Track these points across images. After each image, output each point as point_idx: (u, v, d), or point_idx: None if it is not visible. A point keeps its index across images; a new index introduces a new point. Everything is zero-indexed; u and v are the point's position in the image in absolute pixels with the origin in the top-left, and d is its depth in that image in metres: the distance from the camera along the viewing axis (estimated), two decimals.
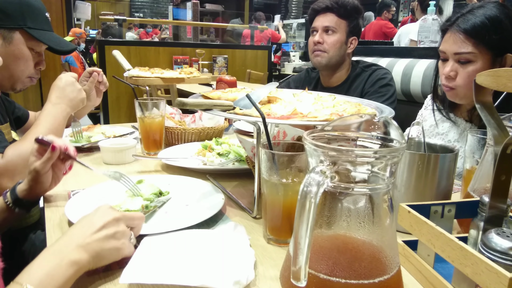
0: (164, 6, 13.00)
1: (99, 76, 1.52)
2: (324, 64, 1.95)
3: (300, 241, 0.49)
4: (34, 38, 1.28)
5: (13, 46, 1.26)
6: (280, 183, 0.78)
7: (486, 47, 1.22)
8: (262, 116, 0.79)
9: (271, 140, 0.92)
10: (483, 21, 1.22)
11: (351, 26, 1.94)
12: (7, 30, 1.24)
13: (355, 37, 1.96)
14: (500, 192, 0.61)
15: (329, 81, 2.04)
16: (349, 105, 1.04)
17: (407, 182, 0.85)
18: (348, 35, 1.94)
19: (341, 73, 2.00)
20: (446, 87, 1.32)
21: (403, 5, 8.10)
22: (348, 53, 1.97)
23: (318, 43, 1.93)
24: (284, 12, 12.23)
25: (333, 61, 1.94)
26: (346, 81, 1.99)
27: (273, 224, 0.83)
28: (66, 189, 1.09)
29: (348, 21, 1.93)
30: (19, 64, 1.29)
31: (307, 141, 0.53)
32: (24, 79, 1.34)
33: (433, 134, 1.50)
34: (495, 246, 0.56)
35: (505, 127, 0.65)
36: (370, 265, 0.55)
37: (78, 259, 0.63)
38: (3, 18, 1.22)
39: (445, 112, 1.45)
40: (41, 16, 1.32)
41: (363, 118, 0.63)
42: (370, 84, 1.91)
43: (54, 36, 1.37)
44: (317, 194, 0.48)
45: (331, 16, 1.92)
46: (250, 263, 0.69)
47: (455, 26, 1.27)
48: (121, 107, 4.45)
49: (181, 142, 1.54)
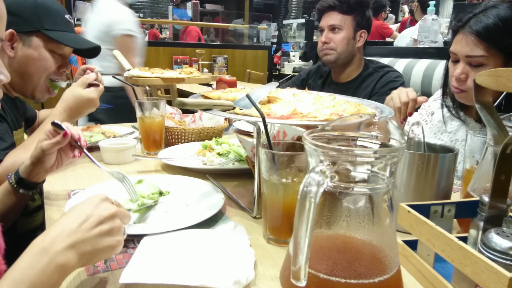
0: (164, 6, 12.99)
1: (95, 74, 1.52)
2: (333, 61, 1.96)
3: (300, 240, 0.49)
4: (53, 40, 1.29)
5: (32, 49, 1.27)
6: (280, 183, 0.78)
7: (498, 50, 1.19)
8: (262, 116, 0.79)
9: (271, 140, 0.93)
10: (496, 23, 1.18)
11: (358, 20, 1.93)
12: (25, 34, 1.26)
13: (364, 30, 1.95)
14: (500, 192, 0.61)
15: (339, 77, 2.04)
16: (349, 105, 1.04)
17: (407, 182, 0.85)
18: (356, 29, 1.93)
19: (351, 68, 2.00)
20: (456, 88, 1.29)
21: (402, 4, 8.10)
22: (358, 47, 1.96)
23: (325, 43, 1.95)
24: (284, 12, 12.22)
25: (342, 57, 1.95)
26: (357, 78, 1.99)
27: (273, 224, 0.83)
28: (67, 189, 1.09)
29: (354, 15, 1.92)
30: (39, 67, 1.31)
31: (307, 141, 0.53)
32: (44, 87, 1.35)
33: (441, 131, 1.47)
34: (495, 246, 0.56)
35: (504, 127, 0.65)
36: (370, 265, 0.55)
37: (67, 261, 0.58)
38: (19, 22, 1.23)
39: (454, 111, 1.41)
40: (60, 18, 1.33)
41: (363, 118, 0.63)
42: (380, 85, 1.90)
43: (75, 36, 1.37)
44: (317, 194, 0.48)
45: (335, 14, 1.93)
46: (250, 263, 0.69)
47: (467, 27, 1.22)
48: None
49: (181, 142, 1.54)
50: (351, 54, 1.95)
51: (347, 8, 1.91)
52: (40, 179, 0.98)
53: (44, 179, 1.01)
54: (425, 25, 2.26)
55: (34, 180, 0.96)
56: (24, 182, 0.95)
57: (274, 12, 11.24)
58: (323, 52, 1.97)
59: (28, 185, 0.96)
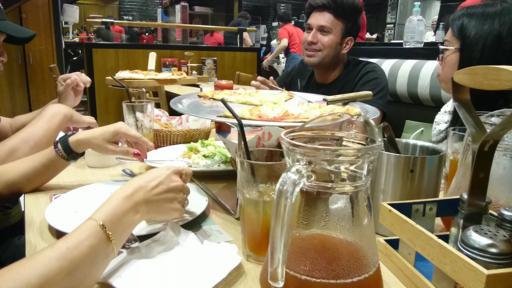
0: (153, 9, 12.96)
1: (78, 79, 1.52)
2: (316, 63, 1.94)
3: (276, 240, 0.48)
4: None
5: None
6: (259, 198, 0.73)
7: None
8: (239, 121, 0.78)
9: (255, 143, 0.92)
10: None
11: (348, 27, 1.90)
12: None
13: (351, 38, 1.92)
14: (479, 189, 0.61)
15: (322, 78, 2.03)
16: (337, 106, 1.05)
17: (394, 185, 0.84)
18: (344, 35, 1.90)
19: (335, 72, 1.99)
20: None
21: (390, 6, 8.17)
22: (343, 53, 1.94)
23: (311, 43, 1.91)
24: (273, 14, 12.25)
25: (326, 60, 1.92)
26: (338, 79, 1.98)
27: (253, 241, 0.76)
28: (48, 192, 1.08)
29: (345, 21, 1.89)
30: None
31: (284, 140, 0.53)
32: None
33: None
34: (473, 243, 0.56)
35: (483, 125, 0.66)
36: (349, 265, 0.54)
37: (140, 211, 0.73)
38: None
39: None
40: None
41: (343, 118, 0.63)
42: (358, 78, 1.90)
43: (10, 24, 1.31)
44: (293, 194, 0.48)
45: (327, 15, 1.88)
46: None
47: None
48: (110, 110, 4.41)
49: (167, 144, 1.53)
50: (335, 59, 1.93)
51: (341, 12, 1.87)
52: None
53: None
54: (410, 25, 2.28)
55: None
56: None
57: (263, 14, 11.27)
58: (307, 53, 1.94)
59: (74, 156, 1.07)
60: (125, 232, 0.70)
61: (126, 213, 0.70)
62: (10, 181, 1.00)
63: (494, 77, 0.56)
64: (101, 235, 0.64)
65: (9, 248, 1.31)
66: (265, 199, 0.72)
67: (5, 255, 1.28)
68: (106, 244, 0.65)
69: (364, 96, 1.22)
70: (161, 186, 0.77)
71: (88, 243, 0.62)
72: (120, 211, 0.69)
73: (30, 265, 0.57)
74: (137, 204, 0.72)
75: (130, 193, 0.72)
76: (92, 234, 0.63)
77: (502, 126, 0.57)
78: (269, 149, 0.80)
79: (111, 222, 0.66)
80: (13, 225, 1.34)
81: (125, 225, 0.69)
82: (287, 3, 12.23)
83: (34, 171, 1.03)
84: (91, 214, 0.67)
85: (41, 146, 1.12)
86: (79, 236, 0.62)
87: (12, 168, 1.02)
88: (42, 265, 0.57)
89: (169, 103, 1.07)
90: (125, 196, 0.71)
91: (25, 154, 1.09)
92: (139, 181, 0.76)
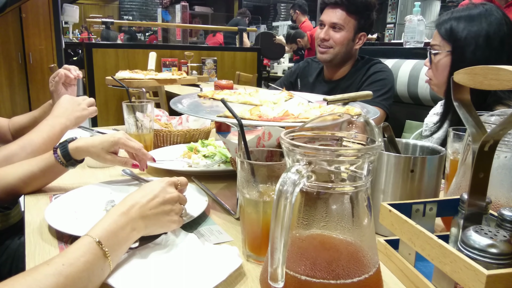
0: (153, 9, 12.95)
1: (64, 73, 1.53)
2: (328, 60, 1.94)
3: (276, 241, 0.48)
4: None
5: None
6: (259, 198, 0.73)
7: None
8: (239, 121, 0.78)
9: (255, 143, 0.92)
10: None
11: (361, 23, 1.90)
12: None
13: (364, 33, 1.93)
14: (479, 189, 0.61)
15: (331, 75, 2.04)
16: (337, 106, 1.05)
17: (394, 185, 0.84)
18: (357, 31, 1.91)
19: (344, 68, 1.99)
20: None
21: (390, 6, 8.16)
22: (355, 48, 1.95)
23: (324, 39, 1.92)
24: (273, 14, 12.25)
25: (338, 57, 1.93)
26: (347, 75, 1.98)
27: (253, 241, 0.76)
28: (48, 192, 1.08)
29: (358, 17, 1.89)
30: None
31: (284, 140, 0.53)
32: None
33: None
34: (473, 243, 0.56)
35: (483, 125, 0.66)
36: (349, 265, 0.54)
37: (137, 227, 0.73)
38: None
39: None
40: None
41: (343, 118, 0.63)
42: (366, 77, 1.90)
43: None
44: (293, 194, 0.48)
45: (339, 12, 1.88)
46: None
47: None
48: (110, 110, 4.42)
49: (167, 144, 1.53)
50: (347, 55, 1.94)
51: (353, 9, 1.87)
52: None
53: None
54: (410, 25, 2.28)
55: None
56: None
57: (264, 14, 11.27)
58: (320, 50, 1.95)
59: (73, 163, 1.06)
60: (122, 248, 0.70)
61: (122, 229, 0.70)
62: (8, 184, 1.00)
63: (494, 77, 0.56)
64: (97, 251, 0.65)
65: (9, 248, 1.31)
66: (265, 199, 0.72)
67: (5, 255, 1.28)
68: (102, 261, 0.65)
69: (364, 96, 1.22)
70: (156, 199, 0.77)
71: (84, 260, 0.62)
72: (117, 227, 0.69)
73: (26, 281, 0.57)
74: (133, 220, 0.72)
75: (126, 210, 0.73)
76: (88, 250, 0.64)
77: (502, 126, 0.57)
78: (269, 149, 0.80)
79: (107, 239, 0.67)
80: (12, 226, 1.34)
81: (121, 242, 0.70)
82: (287, 2, 12.23)
83: (32, 175, 1.03)
84: (88, 231, 0.68)
85: (38, 154, 1.12)
86: (75, 253, 0.63)
87: (11, 171, 1.02)
88: (37, 282, 0.57)
89: (169, 103, 1.07)
90: (121, 213, 0.72)
91: (21, 160, 1.09)
92: (134, 197, 0.76)
